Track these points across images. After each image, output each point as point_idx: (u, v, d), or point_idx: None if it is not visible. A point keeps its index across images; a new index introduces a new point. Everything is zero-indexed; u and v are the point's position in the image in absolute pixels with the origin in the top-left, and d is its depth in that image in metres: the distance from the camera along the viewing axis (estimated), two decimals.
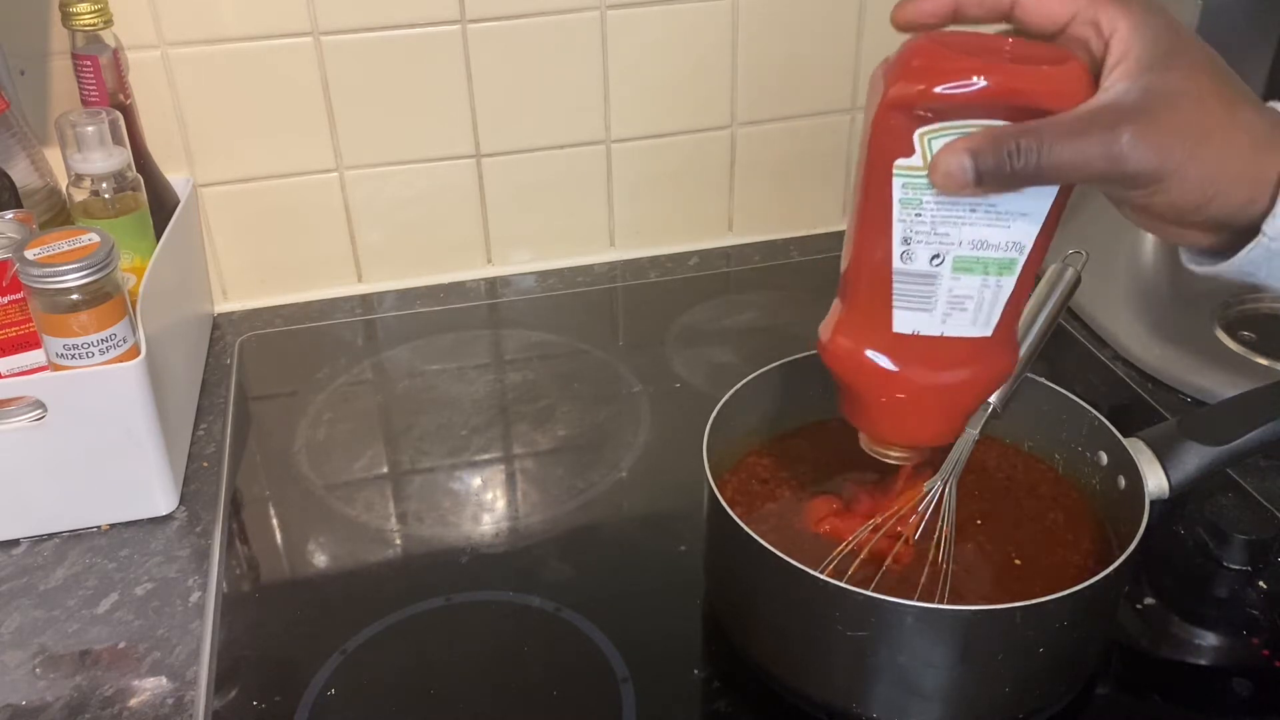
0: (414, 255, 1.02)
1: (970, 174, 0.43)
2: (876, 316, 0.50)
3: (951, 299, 0.49)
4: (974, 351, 0.51)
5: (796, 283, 1.02)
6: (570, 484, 0.77)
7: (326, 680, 0.61)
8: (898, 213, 0.47)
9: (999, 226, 0.47)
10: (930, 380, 0.51)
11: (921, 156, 0.45)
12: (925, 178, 0.46)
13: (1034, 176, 0.43)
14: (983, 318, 0.50)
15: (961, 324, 0.50)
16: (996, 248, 0.48)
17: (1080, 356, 0.89)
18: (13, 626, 0.66)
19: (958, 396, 0.53)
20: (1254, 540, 0.67)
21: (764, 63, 1.00)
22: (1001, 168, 0.42)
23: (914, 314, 0.50)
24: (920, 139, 0.45)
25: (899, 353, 0.51)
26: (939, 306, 0.49)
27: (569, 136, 1.00)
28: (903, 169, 0.46)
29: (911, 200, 0.47)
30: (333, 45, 0.90)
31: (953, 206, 0.46)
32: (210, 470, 0.79)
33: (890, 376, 0.51)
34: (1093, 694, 0.60)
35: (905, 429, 0.55)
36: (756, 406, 0.68)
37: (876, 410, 0.54)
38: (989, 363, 0.52)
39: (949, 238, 0.48)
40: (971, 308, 0.49)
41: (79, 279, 0.65)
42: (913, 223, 0.47)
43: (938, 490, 0.59)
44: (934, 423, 0.55)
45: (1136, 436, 0.62)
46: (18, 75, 0.85)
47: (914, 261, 0.48)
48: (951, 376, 0.52)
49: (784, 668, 0.59)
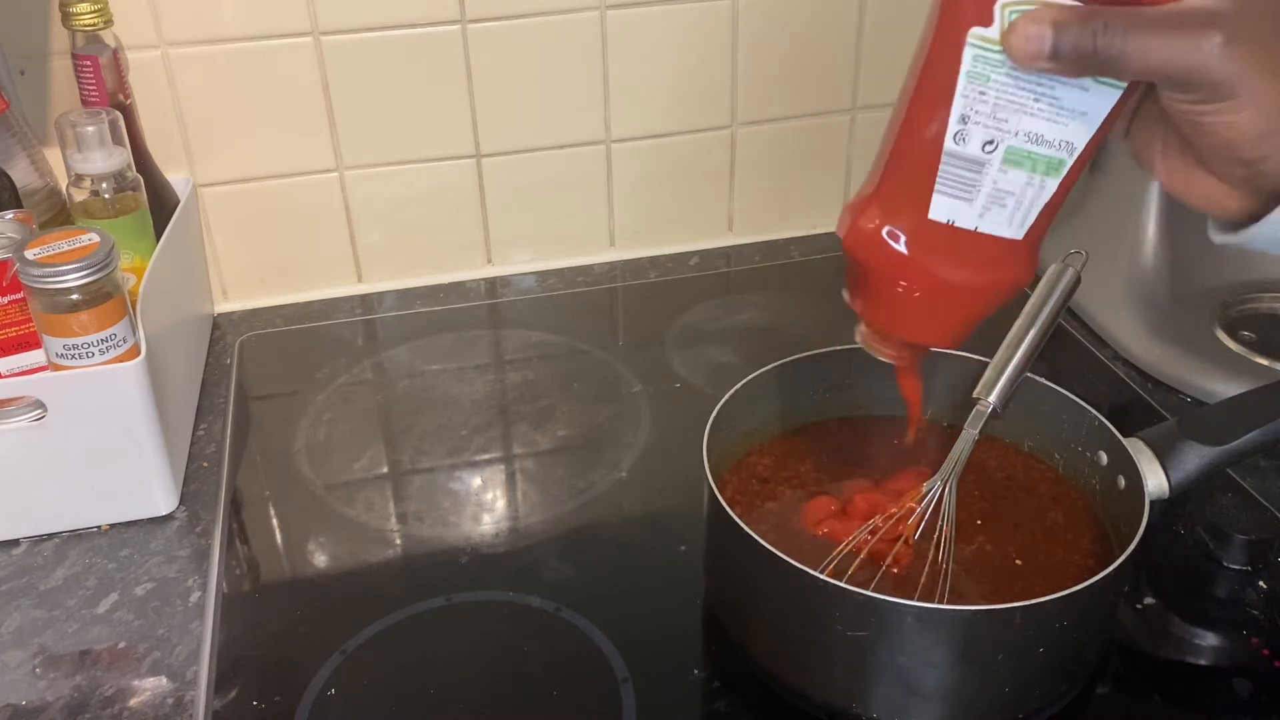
0: (414, 255, 1.02)
1: (1048, 44, 0.42)
2: (914, 198, 0.48)
3: (994, 191, 0.47)
4: (1000, 254, 0.49)
5: (796, 283, 1.02)
6: (570, 484, 0.77)
7: (326, 680, 0.61)
8: (962, 86, 0.45)
9: (1057, 123, 0.46)
10: (951, 275, 0.50)
11: (999, 28, 0.44)
12: (999, 52, 0.44)
13: (1114, 61, 0.42)
14: (1019, 218, 0.48)
15: (998, 221, 0.48)
16: (1050, 144, 0.46)
17: (1080, 356, 0.89)
18: (13, 626, 0.66)
19: (973, 299, 0.51)
20: (1254, 540, 0.67)
21: (764, 63, 1.00)
22: (1083, 44, 0.41)
23: (953, 201, 0.48)
24: (1002, 9, 0.43)
25: (927, 241, 0.49)
26: (980, 198, 0.47)
27: (569, 136, 1.00)
28: (977, 39, 0.44)
29: (979, 75, 0.45)
30: (333, 45, 0.90)
31: (1018, 91, 0.45)
32: (210, 470, 0.79)
33: (912, 264, 0.49)
34: (1093, 694, 0.60)
35: (911, 323, 0.53)
36: (756, 406, 0.68)
37: (887, 298, 0.52)
38: (1011, 269, 0.50)
39: (1007, 124, 0.46)
40: (1011, 205, 0.48)
41: (79, 279, 0.65)
42: (975, 100, 0.45)
43: (938, 490, 0.59)
44: (941, 323, 0.52)
45: (1136, 436, 0.62)
46: (18, 75, 0.85)
47: (967, 144, 0.47)
48: (973, 276, 0.50)
49: (784, 668, 0.59)
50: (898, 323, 0.53)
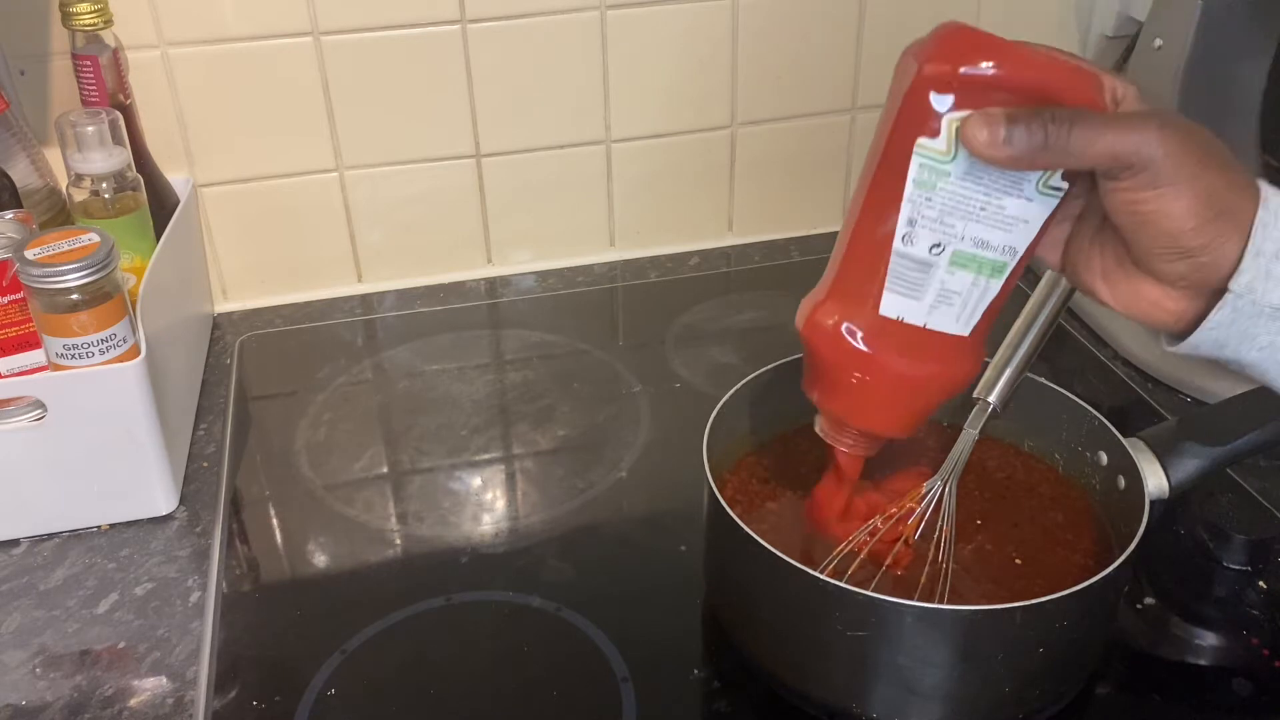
0: (414, 255, 1.02)
1: (1002, 133, 0.45)
2: (865, 294, 0.51)
3: (942, 292, 0.50)
4: (948, 349, 0.52)
5: (796, 283, 1.01)
6: (570, 484, 0.77)
7: (326, 680, 0.61)
8: (909, 192, 0.48)
9: (1001, 229, 0.49)
10: (902, 368, 0.52)
11: (946, 140, 0.46)
12: (945, 161, 0.47)
13: (1062, 149, 0.44)
14: (965, 316, 0.51)
15: (945, 319, 0.51)
16: (994, 249, 0.49)
17: (1080, 356, 0.89)
18: (13, 626, 0.66)
19: (923, 391, 0.54)
20: (1254, 540, 0.67)
21: (764, 63, 1.00)
22: (1034, 133, 0.44)
23: (903, 299, 0.50)
24: (949, 123, 0.46)
25: (878, 336, 0.51)
26: (928, 296, 0.50)
27: (569, 136, 1.00)
28: (924, 149, 0.47)
29: (926, 183, 0.47)
30: (333, 45, 0.90)
31: (964, 199, 0.47)
32: (210, 470, 0.79)
33: (864, 357, 0.52)
34: (1093, 694, 0.60)
35: (866, 413, 0.55)
36: (757, 406, 0.68)
37: (843, 390, 0.54)
38: (959, 364, 0.53)
39: (953, 230, 0.48)
40: (958, 304, 0.50)
41: (79, 279, 0.65)
42: (922, 206, 0.48)
43: (938, 490, 0.59)
44: (894, 413, 0.55)
45: (1136, 436, 0.62)
46: (18, 75, 0.85)
47: (914, 245, 0.49)
48: (923, 369, 0.52)
49: (784, 668, 0.59)
50: (852, 412, 0.56)
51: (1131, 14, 1.01)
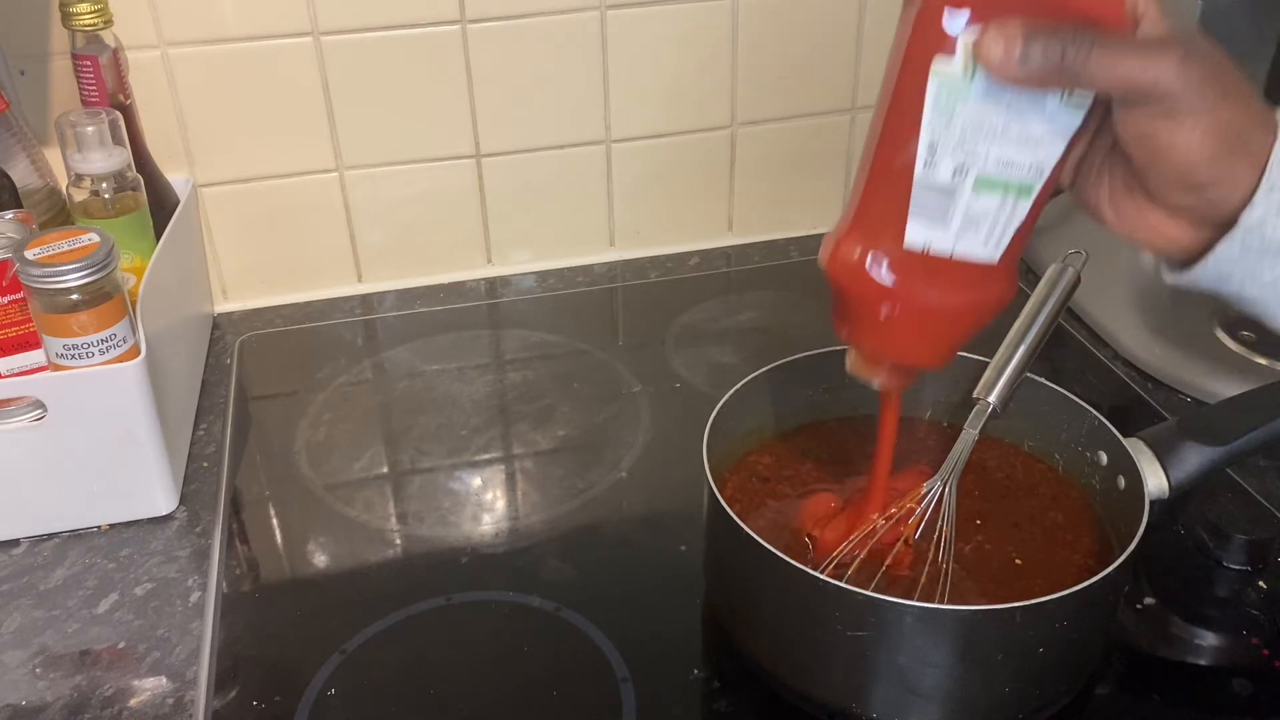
0: (414, 255, 1.02)
1: (1019, 51, 0.43)
2: (889, 226, 0.49)
3: (968, 217, 0.48)
4: (978, 276, 0.49)
5: (796, 283, 1.02)
6: (570, 484, 0.77)
7: (326, 680, 0.61)
8: (928, 117, 0.46)
9: (1026, 148, 0.46)
10: (932, 299, 0.50)
11: (963, 61, 0.44)
12: (963, 82, 0.45)
13: (1079, 72, 0.43)
14: (994, 241, 0.48)
15: (973, 245, 0.48)
16: (1020, 168, 0.47)
17: (1080, 356, 0.89)
18: (13, 626, 0.66)
19: (955, 320, 0.52)
20: (1254, 540, 0.67)
21: (764, 63, 1.00)
22: (1051, 54, 0.42)
23: (928, 228, 0.48)
24: (965, 43, 0.44)
25: (906, 266, 0.49)
26: (954, 223, 0.48)
27: (569, 136, 1.00)
28: (941, 71, 0.45)
29: (945, 106, 0.45)
30: (333, 45, 0.90)
31: (985, 119, 0.45)
32: (210, 470, 0.79)
33: (892, 291, 0.50)
34: (1093, 694, 0.60)
35: (897, 347, 0.53)
36: (756, 406, 0.68)
37: (871, 324, 0.52)
38: (991, 289, 0.50)
39: (976, 152, 0.46)
40: (985, 229, 0.48)
41: (79, 279, 0.65)
42: (942, 130, 0.46)
43: (938, 490, 0.59)
44: (927, 344, 0.53)
45: (1136, 436, 0.62)
46: (18, 75, 0.85)
47: (936, 171, 0.47)
48: (954, 298, 0.50)
49: (784, 668, 0.59)
50: (884, 346, 0.54)
51: None
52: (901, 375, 0.56)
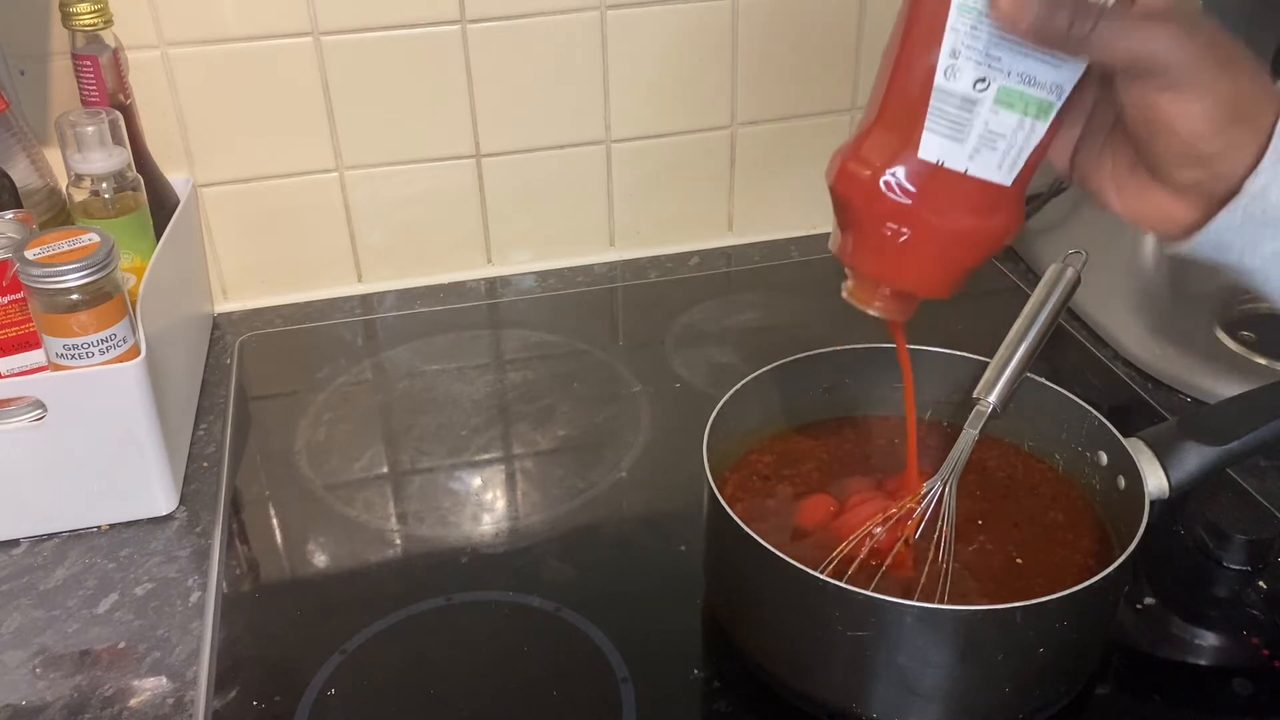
0: (414, 255, 1.02)
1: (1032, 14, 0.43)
2: (904, 137, 0.47)
3: (985, 133, 0.47)
4: (989, 200, 0.48)
5: (796, 283, 1.02)
6: (570, 484, 0.77)
7: (326, 680, 0.61)
8: (953, 19, 0.45)
9: (1049, 64, 0.46)
10: (940, 219, 0.48)
11: None
12: None
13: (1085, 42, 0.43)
14: (1009, 162, 0.47)
15: (988, 164, 0.47)
16: (1042, 86, 0.46)
17: (1080, 356, 0.89)
18: (13, 626, 0.66)
19: (962, 245, 0.50)
20: (1254, 540, 0.67)
21: (764, 63, 1.00)
22: (1059, 23, 0.43)
23: (944, 141, 0.47)
24: None
25: (917, 183, 0.48)
26: (971, 138, 0.47)
27: (569, 136, 1.00)
28: None
29: (970, 9, 0.44)
30: (333, 45, 0.90)
31: None
32: (210, 470, 0.79)
33: (900, 207, 0.48)
34: (1093, 694, 0.60)
35: (900, 270, 0.51)
36: (756, 406, 0.68)
37: (876, 245, 0.50)
38: (1000, 216, 0.49)
39: (1000, 63, 0.45)
40: (1002, 148, 0.47)
41: (79, 279, 0.65)
42: (966, 36, 0.45)
43: (938, 490, 0.59)
44: (930, 269, 0.51)
45: (1136, 436, 0.62)
46: (18, 75, 0.85)
47: (957, 80, 0.46)
48: (962, 220, 0.49)
49: (784, 668, 0.59)
50: (886, 269, 0.51)
51: None
52: (900, 304, 0.53)
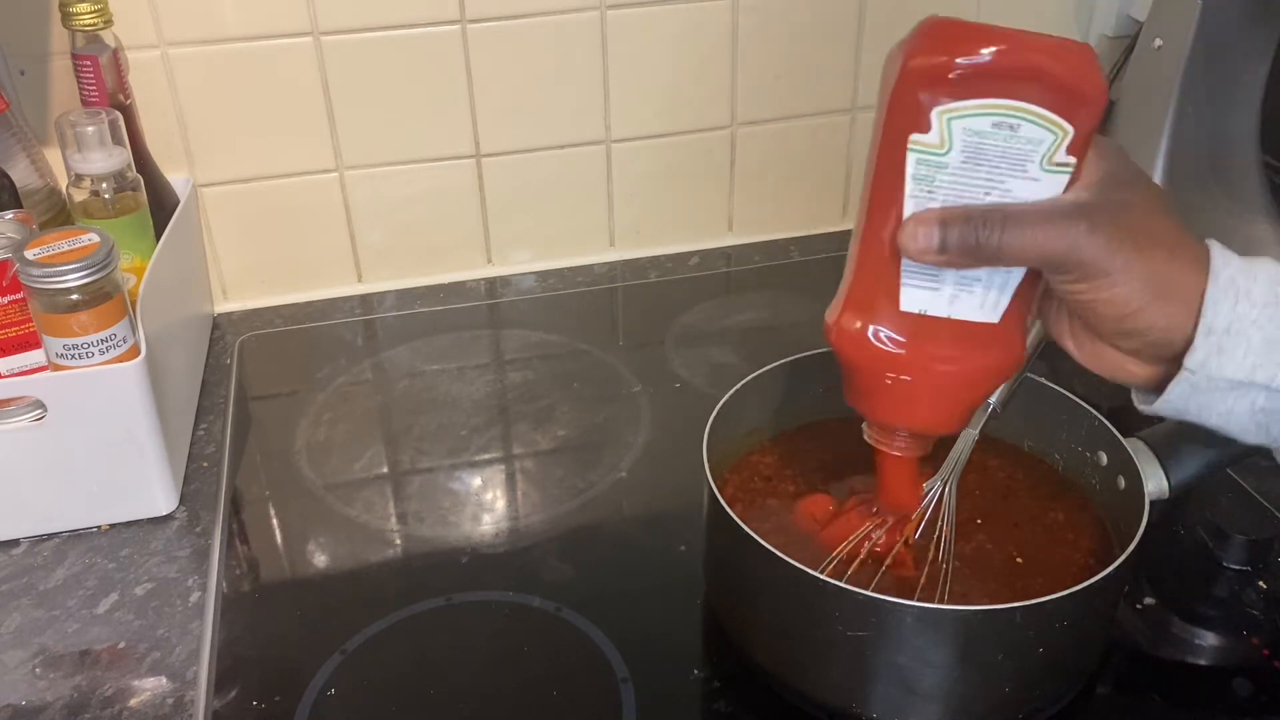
0: (414, 255, 1.02)
1: (936, 240, 0.46)
2: (884, 294, 0.50)
3: (960, 279, 0.48)
4: (981, 338, 0.50)
5: (796, 283, 1.02)
6: (570, 484, 0.77)
7: (326, 680, 0.61)
8: (910, 188, 0.47)
9: None
10: (936, 363, 0.50)
11: (938, 134, 0.45)
12: (940, 154, 0.46)
13: (996, 253, 0.46)
14: (990, 303, 0.49)
15: (969, 307, 0.49)
16: None
17: None
18: (13, 626, 0.66)
19: (963, 383, 0.52)
20: (1254, 540, 0.67)
21: (764, 63, 1.00)
22: (967, 239, 0.45)
23: (922, 292, 0.49)
24: (938, 117, 0.45)
25: (905, 333, 0.50)
26: (947, 287, 0.49)
27: (569, 136, 1.00)
28: (917, 144, 0.46)
29: (924, 176, 0.47)
30: (333, 45, 0.90)
31: (966, 188, 0.46)
32: (210, 470, 0.79)
33: (895, 357, 0.50)
34: (1093, 694, 0.60)
35: (909, 413, 0.53)
36: (756, 406, 0.68)
37: (880, 393, 0.52)
38: (996, 351, 0.51)
39: None
40: (979, 291, 0.49)
41: (79, 279, 0.65)
42: (925, 199, 0.47)
43: (938, 490, 0.59)
44: (937, 409, 0.53)
45: (1136, 436, 0.62)
46: (18, 75, 0.85)
47: None
48: (958, 361, 0.51)
49: (784, 668, 0.59)
50: (896, 414, 0.54)
51: (1131, 14, 1.01)
52: (919, 441, 0.55)
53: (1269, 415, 0.47)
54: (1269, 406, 0.47)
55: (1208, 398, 0.47)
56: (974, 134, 0.45)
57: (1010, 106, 0.45)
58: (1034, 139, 0.45)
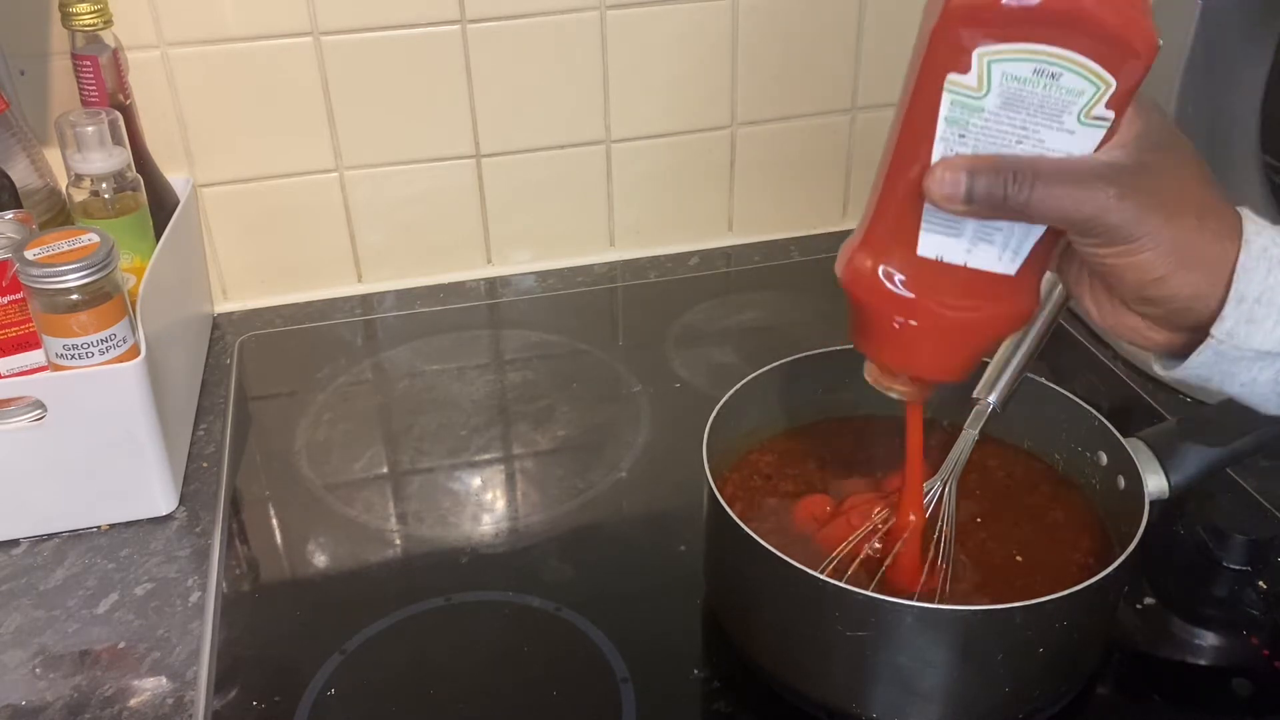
0: (414, 255, 1.02)
1: (963, 188, 0.44)
2: (902, 236, 0.48)
3: (980, 228, 0.47)
4: (995, 288, 0.49)
5: (796, 283, 1.02)
6: (570, 484, 0.77)
7: (326, 680, 0.61)
8: (941, 129, 0.46)
9: None
10: (946, 311, 0.49)
11: (977, 76, 0.44)
12: (977, 98, 0.45)
13: (1023, 209, 0.45)
14: (1009, 254, 0.48)
15: (987, 257, 0.48)
16: None
17: (1080, 356, 0.89)
18: (13, 626, 0.66)
19: (972, 332, 0.51)
20: (1254, 540, 0.67)
21: (764, 63, 1.00)
22: (995, 193, 0.44)
23: (941, 238, 0.48)
24: (979, 58, 0.44)
25: (919, 277, 0.49)
26: (967, 234, 0.48)
27: (569, 136, 1.00)
28: (954, 85, 0.45)
29: (958, 119, 0.45)
30: (333, 45, 0.90)
31: (999, 134, 0.45)
32: (210, 470, 0.79)
33: (906, 301, 0.49)
34: (1093, 694, 0.60)
35: (913, 359, 0.52)
36: (756, 406, 0.68)
37: (887, 336, 0.51)
38: (1008, 303, 0.50)
39: None
40: (999, 241, 0.48)
41: (79, 279, 0.65)
42: (955, 142, 0.46)
43: (938, 490, 0.59)
44: (943, 356, 0.52)
45: (1136, 436, 0.62)
46: (18, 75, 0.85)
47: None
48: (968, 310, 0.50)
49: (784, 668, 0.59)
50: (900, 358, 0.53)
51: None
52: (919, 387, 0.55)
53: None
54: None
55: (1233, 366, 0.46)
56: (1014, 79, 0.44)
57: (1054, 54, 0.43)
58: (1075, 89, 0.44)
